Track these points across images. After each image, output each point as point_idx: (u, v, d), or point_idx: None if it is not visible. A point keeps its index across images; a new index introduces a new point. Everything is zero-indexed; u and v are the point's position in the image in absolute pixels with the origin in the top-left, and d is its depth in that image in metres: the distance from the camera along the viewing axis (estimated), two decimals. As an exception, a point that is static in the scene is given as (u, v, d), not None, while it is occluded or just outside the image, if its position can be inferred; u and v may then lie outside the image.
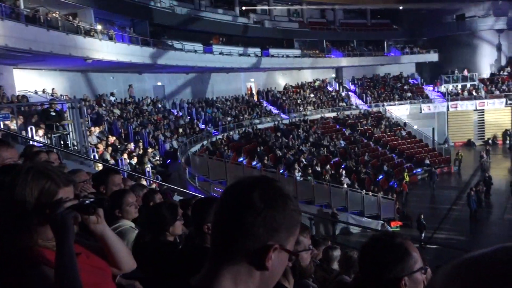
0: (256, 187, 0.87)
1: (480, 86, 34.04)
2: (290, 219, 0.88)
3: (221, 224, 0.88)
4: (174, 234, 2.57)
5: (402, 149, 27.25)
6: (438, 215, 18.12)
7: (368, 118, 31.09)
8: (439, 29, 36.11)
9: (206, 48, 26.67)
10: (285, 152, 21.56)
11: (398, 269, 1.42)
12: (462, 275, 0.48)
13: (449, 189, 22.24)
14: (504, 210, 18.69)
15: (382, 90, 35.66)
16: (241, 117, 26.38)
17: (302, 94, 33.40)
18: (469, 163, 26.33)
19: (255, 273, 0.85)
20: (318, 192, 17.55)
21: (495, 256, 0.48)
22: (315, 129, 27.08)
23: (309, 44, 35.65)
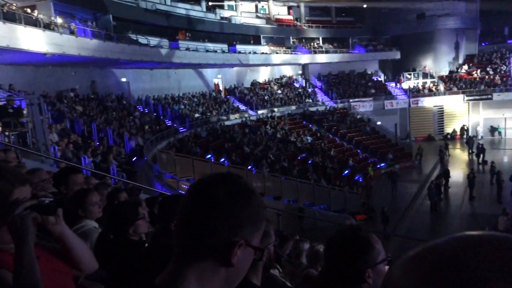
0: (221, 184, 0.87)
1: (439, 83, 35.39)
2: (255, 215, 0.88)
3: (186, 222, 0.87)
4: (137, 233, 2.52)
5: (366, 144, 27.95)
6: (401, 208, 18.75)
7: (334, 114, 31.67)
8: (400, 27, 37.25)
9: (172, 43, 26.29)
10: (253, 148, 21.62)
11: (362, 261, 1.46)
12: (417, 265, 0.49)
13: (411, 183, 23.05)
14: (462, 202, 19.58)
15: (347, 87, 36.39)
16: (209, 113, 26.22)
17: (269, 90, 33.57)
18: (429, 157, 27.36)
19: (220, 270, 0.85)
20: (285, 187, 17.74)
21: (447, 246, 0.50)
22: (283, 125, 27.31)
23: (276, 41, 35.87)
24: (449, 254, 0.48)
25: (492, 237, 0.49)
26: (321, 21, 39.61)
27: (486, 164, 23.30)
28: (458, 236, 0.51)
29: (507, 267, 0.45)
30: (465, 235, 0.51)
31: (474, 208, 18.59)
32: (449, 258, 0.47)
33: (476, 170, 21.20)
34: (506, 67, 35.38)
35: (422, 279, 0.47)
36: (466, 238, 0.50)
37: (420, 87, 35.69)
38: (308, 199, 17.92)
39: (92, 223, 2.74)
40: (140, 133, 18.77)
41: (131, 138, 17.42)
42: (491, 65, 36.03)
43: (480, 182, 20.13)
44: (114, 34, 21.25)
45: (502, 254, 0.46)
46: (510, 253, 0.46)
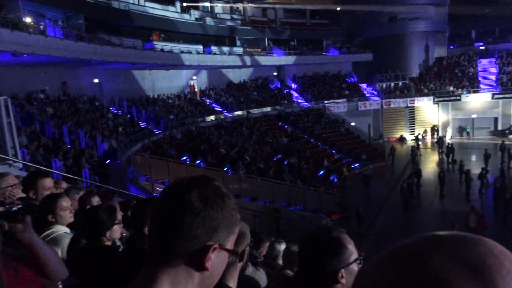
0: (194, 187, 0.87)
1: (410, 85, 36.29)
2: (229, 218, 0.88)
3: (158, 226, 0.87)
4: (111, 238, 2.47)
5: (341, 145, 28.35)
6: (375, 207, 19.11)
7: (309, 115, 31.98)
8: (373, 30, 38.00)
9: (146, 44, 25.96)
10: (229, 150, 21.58)
11: (335, 262, 1.48)
12: (385, 265, 0.51)
13: (384, 182, 23.53)
14: (433, 200, 20.14)
15: (321, 88, 36.83)
16: (184, 115, 26.00)
17: (245, 91, 33.60)
18: (401, 157, 28.01)
19: (194, 275, 0.85)
20: (262, 188, 17.79)
21: (413, 246, 0.51)
22: (258, 127, 27.38)
23: (251, 42, 35.96)
24: (415, 255, 0.49)
25: (456, 237, 0.51)
26: (296, 23, 39.98)
27: (456, 163, 24.05)
28: (424, 236, 0.53)
29: (467, 267, 0.46)
30: (431, 236, 0.53)
31: (444, 206, 19.14)
32: (415, 258, 0.49)
33: (446, 169, 21.83)
34: (473, 69, 36.63)
35: (390, 279, 0.49)
36: (432, 238, 0.52)
37: (392, 89, 36.48)
38: (284, 199, 18.02)
39: (63, 229, 2.67)
40: (114, 135, 18.42)
41: (104, 141, 17.07)
42: (459, 67, 37.23)
43: (450, 180, 20.75)
44: (86, 34, 20.80)
45: (464, 254, 0.48)
46: (471, 253, 0.48)
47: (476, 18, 39.25)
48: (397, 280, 0.48)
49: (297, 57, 36.83)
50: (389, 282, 0.49)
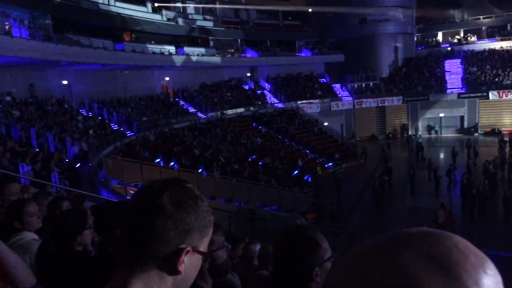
0: (166, 190, 0.86)
1: (381, 85, 37.12)
2: (202, 221, 0.87)
3: (130, 230, 0.85)
4: (82, 243, 2.41)
5: (314, 145, 28.67)
6: (348, 205, 19.43)
7: (282, 115, 32.19)
8: (344, 31, 38.66)
9: (117, 45, 25.48)
10: (203, 151, 21.45)
11: (310, 260, 1.49)
12: (356, 262, 0.52)
13: (357, 180, 23.95)
14: (404, 197, 20.66)
15: (295, 88, 37.16)
16: (157, 116, 25.66)
17: (218, 92, 33.49)
18: (373, 156, 28.58)
19: (167, 278, 0.84)
20: (237, 189, 17.76)
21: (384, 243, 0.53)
22: (233, 128, 27.34)
23: (224, 43, 35.88)
24: (385, 252, 0.50)
25: (424, 234, 0.52)
26: (269, 24, 40.18)
27: (425, 161, 24.75)
28: (394, 233, 0.54)
29: (434, 262, 0.48)
30: (400, 233, 0.54)
31: (415, 203, 19.66)
32: (385, 255, 0.50)
33: (415, 167, 22.40)
34: (440, 69, 37.82)
35: (360, 276, 0.50)
36: (401, 235, 0.53)
37: (363, 89, 37.20)
38: (259, 200, 18.05)
39: (31, 235, 2.58)
40: (84, 138, 17.97)
41: (74, 144, 16.63)
42: (427, 68, 38.35)
43: (419, 178, 21.33)
44: (53, 35, 20.22)
45: (431, 250, 0.49)
46: (438, 249, 0.49)
47: (441, 21, 40.59)
48: (368, 276, 0.49)
49: (270, 58, 37.02)
50: (360, 279, 0.49)
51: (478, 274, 0.48)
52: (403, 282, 0.47)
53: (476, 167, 22.24)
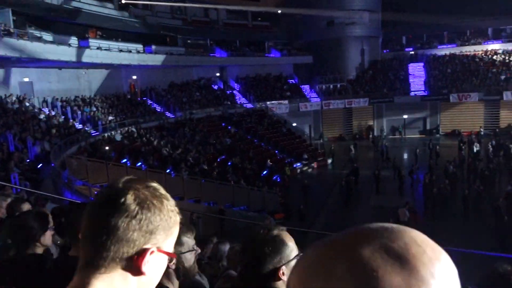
0: (129, 190, 0.84)
1: (348, 87, 37.89)
2: (167, 221, 0.86)
3: (92, 231, 0.83)
4: (43, 245, 2.32)
5: (283, 145, 28.91)
6: (316, 205, 19.71)
7: (252, 116, 32.26)
8: (312, 33, 39.21)
9: (82, 42, 24.73)
10: (172, 151, 21.17)
11: (276, 259, 1.51)
12: (317, 258, 0.54)
13: (324, 180, 24.34)
14: (370, 196, 21.18)
15: (264, 89, 37.33)
16: (123, 116, 25.11)
17: (187, 92, 33.16)
18: (340, 156, 29.13)
19: (131, 280, 0.82)
20: (205, 190, 17.65)
21: (344, 239, 0.54)
22: (201, 128, 27.14)
23: (193, 42, 35.56)
24: (346, 247, 0.51)
25: (383, 229, 0.54)
26: (238, 25, 40.16)
27: (390, 161, 25.46)
28: (354, 229, 0.56)
29: (393, 256, 0.49)
30: (360, 228, 0.56)
31: (380, 202, 20.19)
32: (346, 250, 0.51)
33: (381, 167, 23.00)
34: (404, 72, 39.02)
35: (322, 271, 0.51)
36: (361, 231, 0.55)
37: (331, 91, 37.83)
38: (228, 200, 18.02)
39: (-12, 239, 2.46)
40: (47, 138, 17.34)
41: (35, 143, 16.01)
42: (391, 71, 39.48)
43: (384, 177, 21.92)
44: (14, 30, 19.39)
45: (390, 245, 0.50)
46: (396, 243, 0.51)
47: (406, 25, 41.89)
48: (329, 270, 0.50)
49: (240, 58, 37.01)
50: (321, 273, 0.51)
51: (435, 267, 0.50)
52: (363, 275, 0.48)
53: (437, 167, 23.08)
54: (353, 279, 0.48)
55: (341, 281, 0.49)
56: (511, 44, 38.68)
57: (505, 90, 32.71)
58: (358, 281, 0.48)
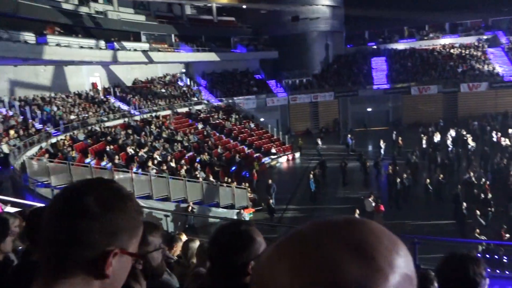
0: (90, 190, 0.82)
1: (313, 81, 38.39)
2: (131, 221, 0.85)
3: (52, 234, 0.81)
4: (4, 251, 2.23)
5: (251, 140, 28.99)
6: (285, 198, 19.91)
7: (219, 112, 32.13)
8: (278, 28, 39.41)
9: (40, 38, 23.74)
10: (138, 150, 20.78)
11: (245, 255, 1.51)
12: (280, 252, 0.55)
13: (292, 174, 24.62)
14: (337, 188, 21.62)
15: (231, 85, 37.22)
16: (86, 115, 24.38)
17: (152, 89, 32.56)
18: (308, 150, 29.53)
19: (94, 283, 0.81)
20: (174, 188, 17.46)
21: (307, 232, 0.56)
22: (168, 125, 26.76)
23: (157, 38, 34.91)
24: (307, 240, 0.53)
25: (343, 221, 0.56)
26: (203, 20, 39.78)
27: (355, 153, 26.06)
28: (316, 222, 0.58)
29: (352, 247, 0.52)
30: (321, 221, 0.58)
31: (347, 193, 20.66)
32: (307, 243, 0.53)
33: (347, 160, 23.50)
34: (367, 66, 39.96)
35: (285, 264, 0.52)
36: (322, 224, 0.57)
37: (297, 85, 38.22)
38: (197, 197, 17.91)
39: None
40: (5, 139, 16.58)
41: (-8, 145, 15.29)
42: (355, 65, 40.34)
43: (350, 169, 22.42)
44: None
45: (350, 236, 0.53)
46: (356, 235, 0.53)
47: (368, 20, 42.89)
48: (292, 262, 0.52)
49: (205, 53, 36.70)
50: (284, 265, 0.52)
51: (391, 256, 0.52)
52: (324, 266, 0.50)
53: (400, 158, 23.83)
54: (313, 272, 0.50)
55: (302, 273, 0.50)
56: (467, 38, 40.41)
57: (462, 82, 34.18)
58: (318, 273, 0.50)
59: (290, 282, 0.51)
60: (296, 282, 0.50)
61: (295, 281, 0.50)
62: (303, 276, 0.50)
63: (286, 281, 0.51)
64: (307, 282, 0.50)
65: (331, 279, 0.49)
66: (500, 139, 24.96)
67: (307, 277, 0.50)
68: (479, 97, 33.65)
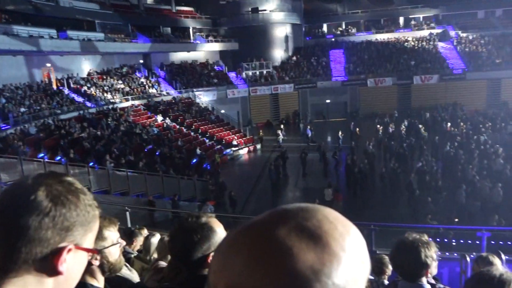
0: (41, 185, 0.79)
1: (273, 73, 38.60)
2: (85, 216, 0.83)
3: (0, 233, 0.77)
4: None
5: (212, 133, 28.82)
6: (247, 190, 20.03)
7: (178, 104, 31.63)
8: (237, 20, 39.18)
9: (-16, 26, 22.29)
10: (94, 143, 20.10)
11: (205, 247, 1.52)
12: (239, 240, 0.56)
13: (254, 166, 24.77)
14: (297, 179, 21.99)
15: (190, 76, 36.69)
16: (38, 107, 23.25)
17: (108, 80, 31.51)
18: (269, 141, 29.78)
19: (47, 281, 0.78)
20: (133, 182, 17.08)
21: (262, 220, 0.57)
22: (126, 117, 26.04)
23: (113, 28, 33.70)
24: (263, 228, 0.55)
25: (298, 209, 0.58)
26: (161, 10, 38.81)
27: (315, 144, 26.57)
28: (272, 211, 0.59)
29: (307, 234, 0.53)
30: (277, 210, 0.59)
31: (307, 184, 21.08)
32: (263, 231, 0.54)
33: (307, 150, 23.92)
34: (326, 59, 40.65)
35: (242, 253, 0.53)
36: (278, 212, 0.58)
37: (258, 77, 38.28)
38: (158, 191, 17.64)
39: None
40: None
41: None
42: (314, 57, 40.91)
43: (310, 160, 22.86)
44: None
45: (305, 223, 0.55)
46: (310, 222, 0.55)
47: (326, 13, 43.55)
48: (248, 250, 0.53)
49: (164, 44, 35.89)
50: (240, 256, 0.53)
51: (345, 241, 0.54)
52: (279, 254, 0.51)
53: (358, 148, 24.55)
54: (269, 259, 0.51)
55: (258, 261, 0.51)
56: (420, 32, 42.01)
57: (414, 75, 35.57)
58: (274, 261, 0.50)
59: (247, 272, 0.51)
60: (252, 271, 0.51)
61: (252, 271, 0.51)
62: (259, 266, 0.51)
63: (243, 271, 0.51)
64: (264, 272, 0.50)
65: (287, 267, 0.50)
66: (450, 129, 26.33)
67: (263, 266, 0.50)
68: (430, 89, 35.21)
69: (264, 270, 0.50)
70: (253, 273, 0.51)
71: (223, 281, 0.53)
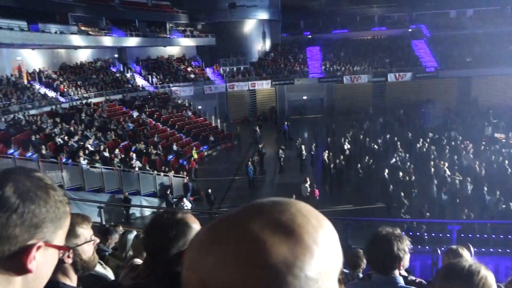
0: (8, 181, 0.76)
1: (251, 69, 38.56)
2: (55, 212, 0.81)
3: None
4: None
5: (189, 128, 28.58)
6: (224, 186, 19.99)
7: (155, 99, 31.21)
8: (215, 14, 38.88)
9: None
10: (67, 139, 19.62)
11: (181, 243, 1.50)
12: (212, 234, 0.56)
13: (231, 162, 24.73)
14: (274, 175, 22.10)
15: (167, 71, 36.24)
16: (7, 102, 22.50)
17: (82, 75, 30.76)
18: (246, 138, 29.76)
19: (15, 280, 0.76)
20: (108, 178, 16.79)
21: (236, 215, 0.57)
22: (100, 113, 25.51)
23: (87, 21, 32.86)
24: (237, 223, 0.55)
25: (272, 203, 0.58)
26: (137, 3, 38.08)
27: (292, 140, 26.74)
28: (246, 205, 0.59)
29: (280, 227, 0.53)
30: (251, 204, 0.59)
31: (284, 180, 21.20)
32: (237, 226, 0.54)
33: (284, 147, 24.05)
34: (303, 55, 40.90)
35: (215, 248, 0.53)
36: (252, 206, 0.58)
37: (235, 73, 38.16)
38: (133, 187, 17.39)
39: None
40: None
41: None
42: (291, 53, 41.09)
43: (287, 157, 22.99)
44: None
45: (278, 217, 0.55)
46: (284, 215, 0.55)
47: (303, 10, 43.76)
48: (222, 244, 0.53)
49: (140, 39, 35.27)
50: (213, 251, 0.53)
51: (318, 234, 0.54)
52: (252, 248, 0.51)
53: (334, 144, 24.84)
54: (243, 253, 0.51)
55: (232, 256, 0.51)
56: (394, 30, 42.80)
57: (389, 72, 36.23)
58: (248, 254, 0.51)
59: (220, 266, 0.51)
60: (226, 265, 0.51)
61: (225, 265, 0.51)
62: (233, 259, 0.51)
63: (216, 265, 0.51)
64: (237, 265, 0.50)
65: (260, 261, 0.50)
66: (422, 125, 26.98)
67: (236, 260, 0.50)
68: (404, 86, 35.96)
69: (237, 264, 0.50)
70: (227, 267, 0.51)
71: (196, 275, 0.53)
